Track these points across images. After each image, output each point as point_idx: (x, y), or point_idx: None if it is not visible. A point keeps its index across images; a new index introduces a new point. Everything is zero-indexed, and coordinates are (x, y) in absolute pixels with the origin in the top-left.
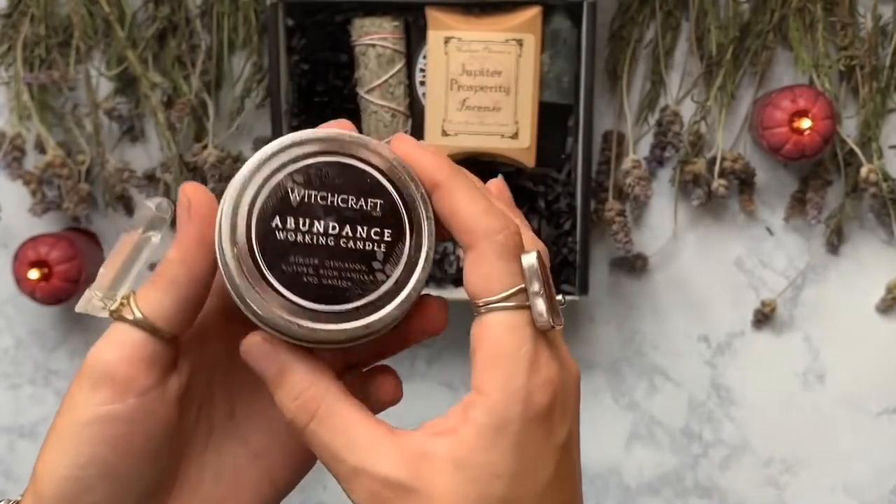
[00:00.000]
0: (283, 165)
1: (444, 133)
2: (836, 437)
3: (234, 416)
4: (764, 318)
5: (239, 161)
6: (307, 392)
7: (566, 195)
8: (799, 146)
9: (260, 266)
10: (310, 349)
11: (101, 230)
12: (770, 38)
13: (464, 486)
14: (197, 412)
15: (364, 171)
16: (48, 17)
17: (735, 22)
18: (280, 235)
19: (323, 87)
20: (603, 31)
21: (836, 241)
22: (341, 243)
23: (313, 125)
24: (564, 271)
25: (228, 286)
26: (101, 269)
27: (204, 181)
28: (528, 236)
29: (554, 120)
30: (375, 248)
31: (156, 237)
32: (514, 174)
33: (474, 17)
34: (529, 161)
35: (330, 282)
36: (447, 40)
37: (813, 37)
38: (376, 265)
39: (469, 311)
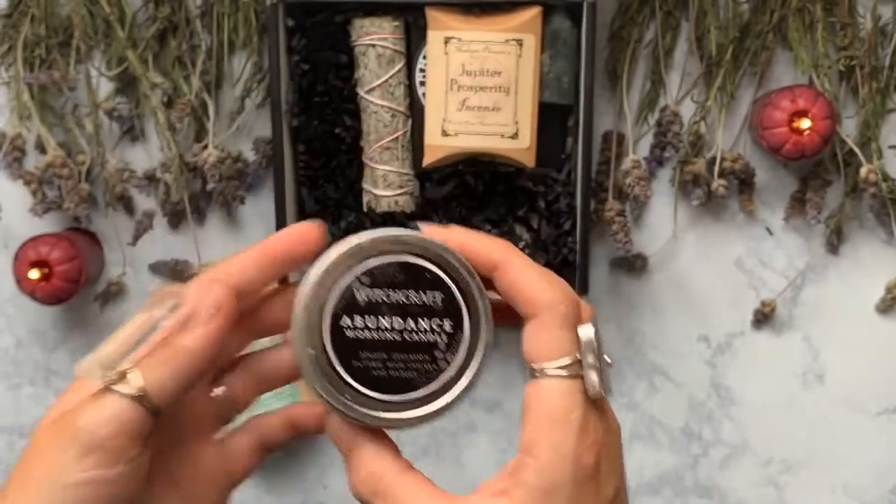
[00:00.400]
0: (349, 268)
1: (444, 133)
2: (835, 437)
3: (169, 463)
4: (764, 317)
5: (239, 161)
6: (370, 468)
7: (566, 195)
8: (799, 146)
9: (333, 364)
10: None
11: (101, 230)
12: (770, 39)
13: None
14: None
15: (422, 267)
16: (48, 18)
17: (735, 22)
18: (350, 334)
19: (323, 87)
20: (603, 31)
21: (835, 241)
22: (406, 336)
23: (313, 125)
24: (564, 271)
25: (305, 380)
26: (109, 343)
27: (204, 181)
28: (582, 304)
29: (554, 120)
30: (437, 339)
31: (170, 321)
32: (514, 174)
33: (474, 17)
34: (529, 161)
35: (397, 374)
36: (447, 40)
37: (812, 37)
38: (438, 354)
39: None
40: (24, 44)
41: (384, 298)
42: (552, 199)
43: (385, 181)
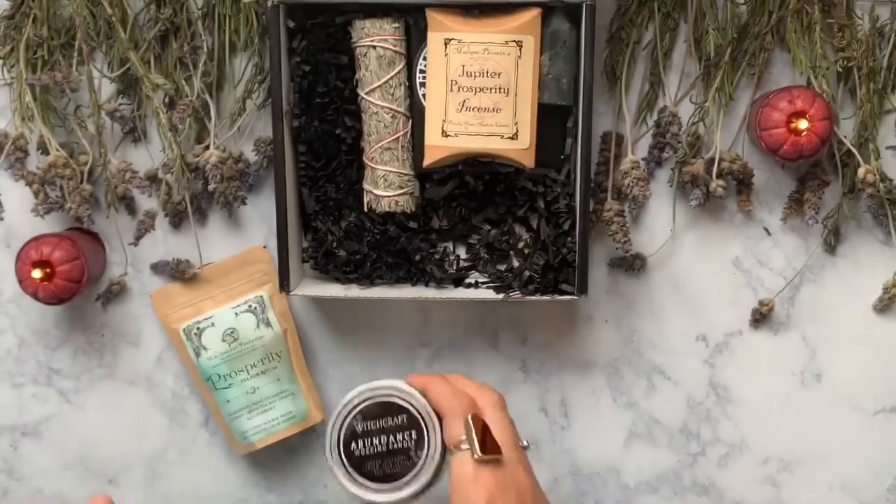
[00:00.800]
0: (349, 411)
1: (444, 134)
2: (833, 436)
3: None
4: (762, 317)
5: (240, 161)
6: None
7: (565, 195)
8: (796, 147)
9: (349, 471)
10: None
11: (103, 230)
12: (768, 40)
13: None
14: None
15: (394, 403)
16: (51, 19)
17: (733, 23)
18: (356, 453)
19: (324, 89)
20: (602, 32)
21: (833, 242)
22: (390, 446)
23: (314, 126)
24: (564, 271)
25: (336, 481)
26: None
27: (206, 181)
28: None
29: (553, 121)
30: (409, 444)
31: None
32: (513, 174)
33: (474, 19)
34: (529, 161)
35: (388, 470)
36: (447, 42)
37: (810, 38)
38: (411, 454)
39: (468, 311)
40: (26, 45)
41: (373, 426)
42: (551, 199)
43: (385, 181)
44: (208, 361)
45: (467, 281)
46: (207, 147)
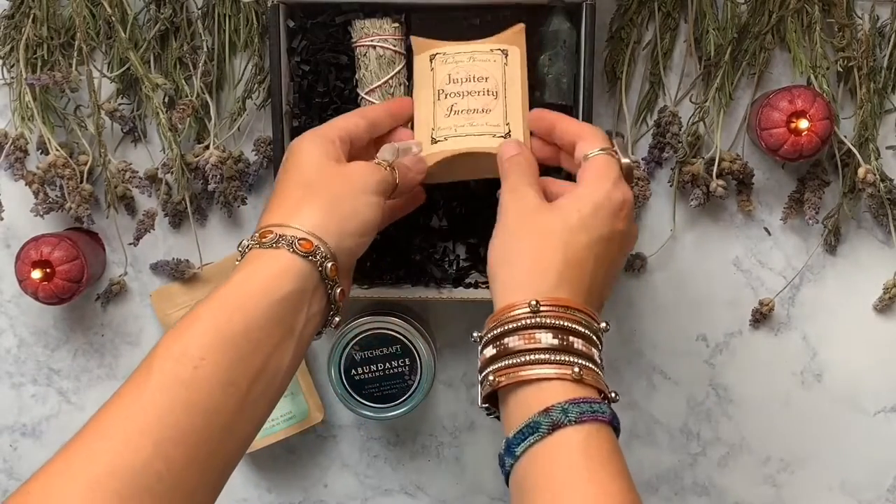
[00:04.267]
0: (349, 341)
1: (434, 140)
2: (833, 436)
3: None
4: (762, 317)
5: (240, 161)
6: (527, 152)
7: None
8: (797, 147)
9: (351, 392)
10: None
11: (103, 230)
12: (768, 40)
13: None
14: None
15: (389, 334)
16: (50, 19)
17: (733, 23)
18: (356, 378)
19: (324, 88)
20: (602, 32)
21: (833, 242)
22: (387, 371)
23: (314, 125)
24: None
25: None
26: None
27: (206, 181)
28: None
29: None
30: (404, 369)
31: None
32: None
33: (459, 43)
34: None
35: (387, 392)
36: (432, 57)
37: (811, 38)
38: (406, 377)
39: (468, 311)
40: (26, 45)
41: (370, 354)
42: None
43: None
44: None
45: (467, 281)
46: (207, 147)
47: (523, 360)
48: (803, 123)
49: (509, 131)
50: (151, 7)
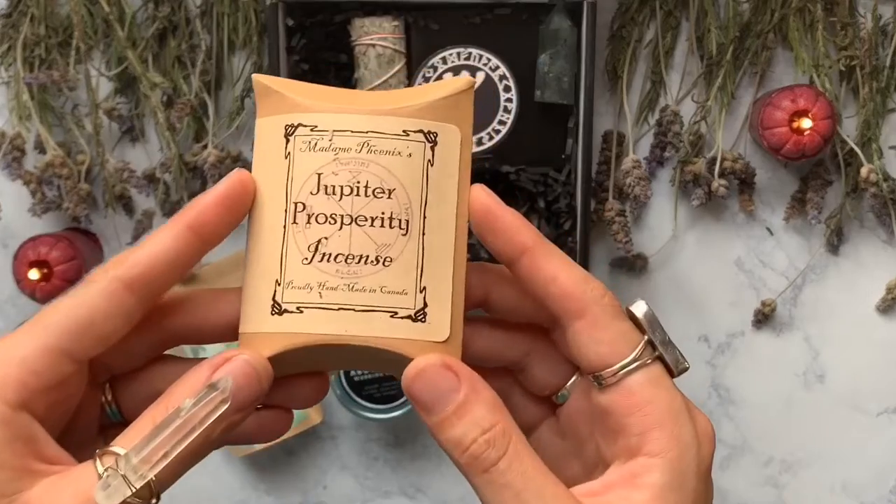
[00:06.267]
0: None
1: (277, 310)
2: (835, 437)
3: None
4: (764, 317)
5: (238, 161)
6: (498, 426)
7: (566, 195)
8: (799, 146)
9: (350, 394)
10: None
11: (101, 230)
12: (770, 38)
13: None
14: None
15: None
16: (48, 17)
17: (735, 22)
18: (355, 379)
19: None
20: (603, 31)
21: (835, 241)
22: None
23: None
24: None
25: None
26: (146, 445)
27: (204, 181)
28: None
29: (554, 120)
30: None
31: (211, 421)
32: (513, 174)
33: (344, 94)
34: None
35: (386, 393)
36: (290, 130)
37: (813, 37)
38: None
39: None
40: (23, 43)
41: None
42: (552, 199)
43: None
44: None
45: None
46: (206, 146)
47: None
48: (805, 123)
49: (425, 305)
50: (149, 5)
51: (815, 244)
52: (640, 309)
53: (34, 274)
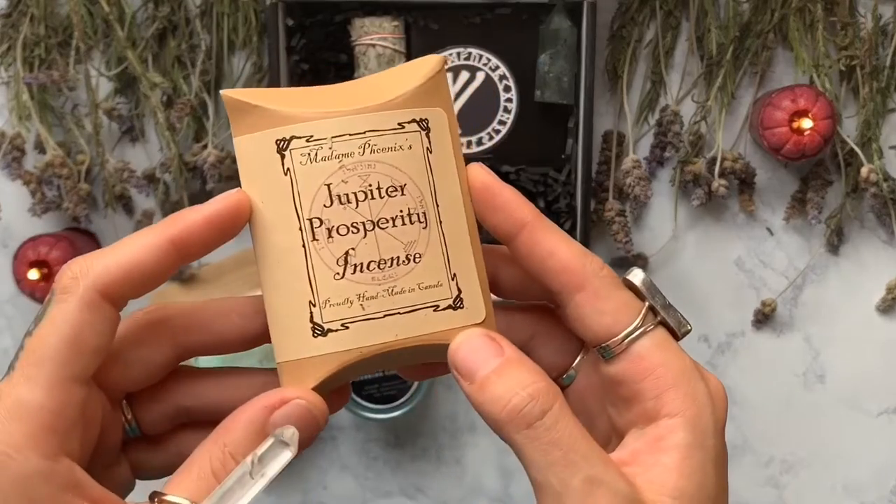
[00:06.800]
0: None
1: (320, 332)
2: (836, 437)
3: None
4: (764, 318)
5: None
6: (542, 384)
7: (566, 195)
8: (799, 146)
9: (350, 394)
10: None
11: (100, 230)
12: (770, 38)
13: None
14: None
15: None
16: (48, 17)
17: (735, 22)
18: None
19: None
20: (603, 30)
21: (836, 242)
22: (386, 372)
23: None
24: None
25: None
26: (215, 501)
27: (203, 181)
28: None
29: (554, 120)
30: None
31: (273, 471)
32: (513, 174)
33: (318, 95)
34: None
35: (386, 393)
36: (283, 145)
37: (813, 37)
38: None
39: None
40: (23, 43)
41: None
42: (552, 199)
43: None
44: (207, 363)
45: None
46: (205, 146)
47: None
48: (806, 123)
49: (459, 292)
50: (149, 5)
51: (815, 244)
52: (637, 277)
53: (34, 274)
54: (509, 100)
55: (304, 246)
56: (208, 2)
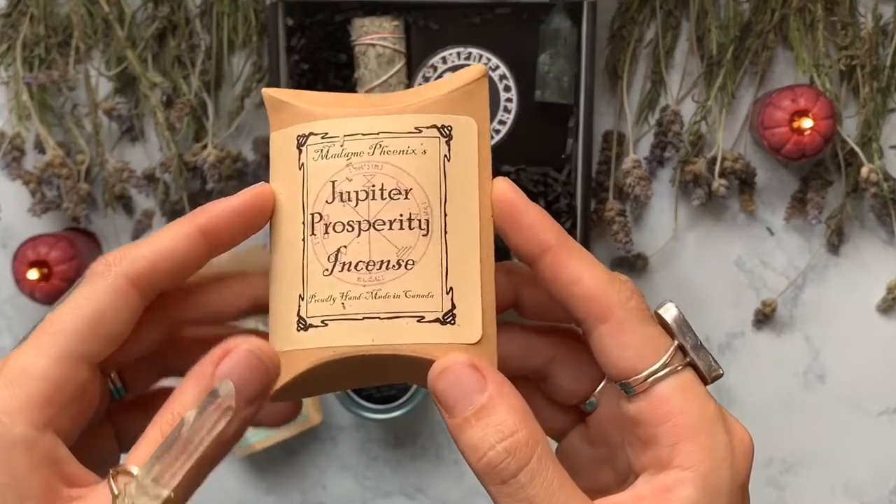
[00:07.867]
0: None
1: (302, 326)
2: (836, 438)
3: None
4: (764, 318)
5: (238, 161)
6: (521, 434)
7: (566, 195)
8: (799, 146)
9: (350, 394)
10: None
11: (100, 230)
12: (770, 38)
13: None
14: None
15: None
16: (48, 17)
17: (735, 21)
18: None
19: (323, 87)
20: (603, 30)
21: (836, 241)
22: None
23: None
24: None
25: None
26: (155, 464)
27: (203, 181)
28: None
29: (554, 120)
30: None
31: (211, 428)
32: (513, 174)
33: (353, 98)
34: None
35: (386, 393)
36: (302, 141)
37: (813, 36)
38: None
39: None
40: (23, 43)
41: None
42: (552, 199)
43: None
44: None
45: None
46: (205, 146)
47: None
48: (806, 122)
49: (453, 307)
50: (149, 5)
51: (815, 244)
52: (669, 312)
53: (34, 274)
54: (509, 100)
55: (303, 239)
56: (208, 2)
